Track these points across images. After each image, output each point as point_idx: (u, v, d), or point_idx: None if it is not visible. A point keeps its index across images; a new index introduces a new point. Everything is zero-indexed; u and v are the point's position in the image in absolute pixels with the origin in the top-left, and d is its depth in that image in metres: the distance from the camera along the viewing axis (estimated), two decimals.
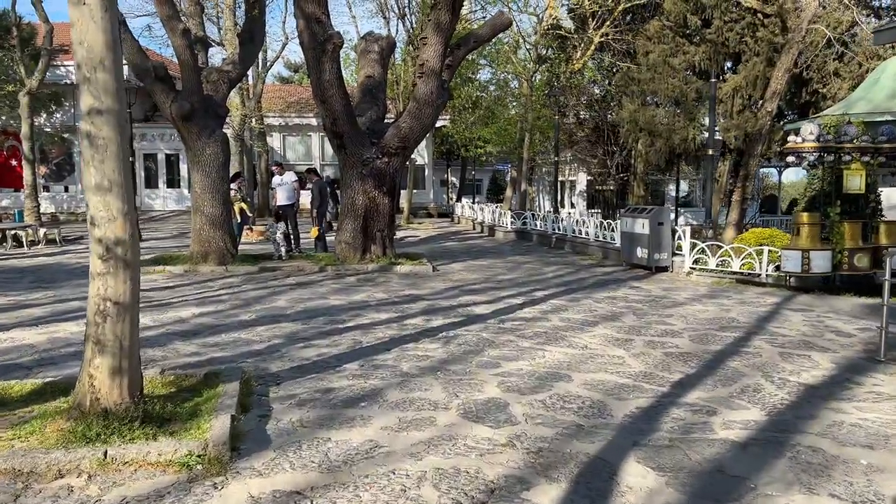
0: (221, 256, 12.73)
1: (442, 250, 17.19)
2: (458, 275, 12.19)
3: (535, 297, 9.87)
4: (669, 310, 8.87)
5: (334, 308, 8.90)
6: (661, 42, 22.74)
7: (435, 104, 12.20)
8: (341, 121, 11.83)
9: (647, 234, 12.49)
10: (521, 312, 8.65)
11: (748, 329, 7.70)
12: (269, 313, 8.58)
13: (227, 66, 13.71)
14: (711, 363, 6.28)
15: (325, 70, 11.47)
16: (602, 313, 8.61)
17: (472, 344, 6.91)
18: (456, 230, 25.60)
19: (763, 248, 11.95)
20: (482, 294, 10.05)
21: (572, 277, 11.97)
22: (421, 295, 9.94)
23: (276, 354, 6.52)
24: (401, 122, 12.47)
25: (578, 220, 17.33)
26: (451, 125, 32.77)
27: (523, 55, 27.32)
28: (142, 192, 31.97)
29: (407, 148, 12.56)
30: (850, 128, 10.92)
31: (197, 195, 12.96)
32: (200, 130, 12.71)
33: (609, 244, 15.16)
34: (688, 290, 10.59)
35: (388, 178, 12.58)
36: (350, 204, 12.55)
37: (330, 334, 7.36)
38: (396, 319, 8.14)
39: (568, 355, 6.51)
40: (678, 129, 22.06)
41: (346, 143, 12.14)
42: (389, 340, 7.08)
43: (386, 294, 10.02)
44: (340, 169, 12.75)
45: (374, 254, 12.66)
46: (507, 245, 19.12)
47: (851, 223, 11.04)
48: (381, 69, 14.07)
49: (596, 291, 10.41)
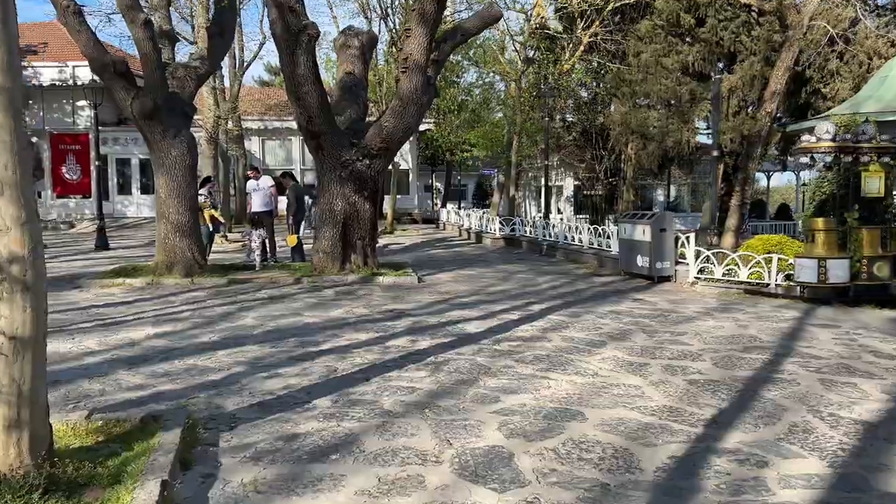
0: (188, 267, 11.70)
1: (427, 259, 16.24)
2: (445, 286, 11.25)
3: (531, 311, 8.95)
4: (681, 326, 7.99)
5: (308, 327, 7.92)
6: (652, 42, 21.98)
7: (420, 102, 11.27)
8: (318, 119, 10.87)
9: (649, 242, 11.63)
10: (518, 330, 7.72)
11: (774, 350, 6.83)
12: (233, 333, 7.59)
13: (195, 62, 12.71)
14: (744, 394, 5.38)
15: (300, 63, 10.51)
16: (608, 331, 7.71)
17: (464, 371, 5.97)
18: (442, 237, 24.66)
19: (772, 256, 11.13)
20: (473, 309, 9.12)
21: (569, 289, 11.07)
22: (406, 310, 8.98)
23: (235, 387, 5.54)
24: (383, 122, 11.53)
25: (571, 226, 16.46)
26: (435, 129, 31.88)
27: (510, 55, 26.50)
28: (114, 198, 30.76)
29: (390, 149, 11.61)
30: (869, 126, 10.13)
31: (162, 200, 11.94)
32: (165, 130, 11.70)
33: (605, 252, 14.29)
34: (696, 303, 9.73)
35: (370, 182, 11.62)
36: (328, 210, 11.58)
37: (301, 360, 6.38)
38: (378, 340, 7.18)
39: (577, 385, 5.58)
40: (671, 132, 21.30)
41: (324, 144, 11.18)
42: (369, 367, 6.12)
43: (367, 309, 9.05)
44: (317, 172, 11.79)
45: (354, 264, 11.69)
46: (495, 253, 18.20)
47: (870, 229, 10.24)
48: (362, 66, 13.13)
49: (597, 305, 9.51)
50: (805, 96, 19.21)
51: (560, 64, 25.43)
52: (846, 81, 18.33)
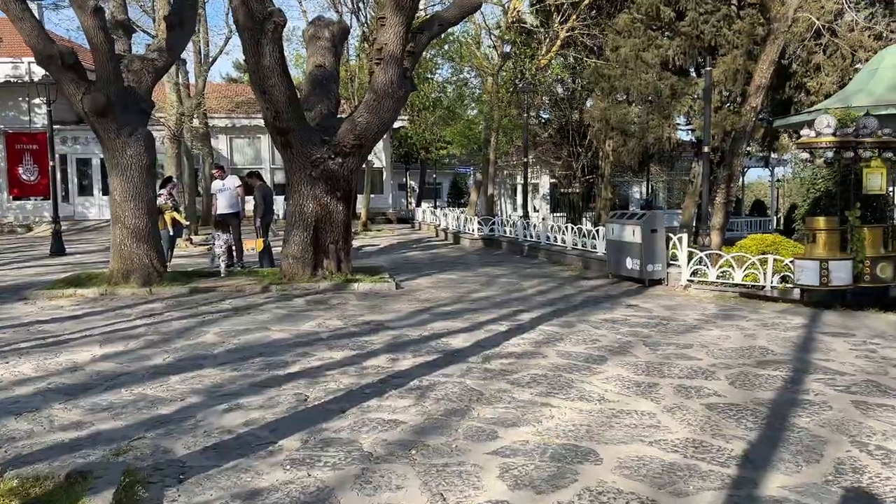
0: (146, 276, 10.82)
1: (404, 261, 15.49)
2: (425, 292, 10.51)
3: (520, 321, 8.26)
4: (684, 337, 7.36)
5: (276, 344, 7.14)
6: (631, 36, 21.44)
7: (395, 96, 10.51)
8: (285, 115, 10.06)
9: (639, 243, 11.01)
10: (509, 345, 7.02)
11: (791, 364, 6.21)
12: (191, 353, 6.78)
13: (153, 54, 11.80)
14: (773, 422, 4.74)
15: (265, 54, 9.69)
16: (606, 343, 7.04)
17: (454, 398, 5.25)
18: (418, 237, 23.91)
19: (768, 256, 10.59)
20: (457, 319, 8.40)
21: (557, 294, 10.41)
22: (384, 322, 8.24)
23: (189, 423, 4.75)
24: (356, 117, 10.75)
25: (554, 226, 15.82)
26: (410, 126, 31.10)
27: (487, 50, 25.82)
28: (75, 200, 29.50)
29: (363, 146, 10.83)
30: (871, 120, 9.61)
31: (117, 204, 11.04)
32: (119, 128, 10.80)
33: (590, 253, 13.67)
34: (694, 309, 9.12)
35: (343, 182, 10.84)
36: (298, 212, 10.77)
37: (266, 386, 5.61)
38: (354, 359, 6.43)
39: (583, 413, 4.89)
40: (652, 128, 20.79)
41: (293, 142, 10.37)
42: (345, 395, 5.37)
43: (341, 321, 8.28)
44: (286, 171, 10.98)
45: (327, 269, 10.91)
46: (475, 254, 17.50)
47: (872, 228, 9.74)
48: (333, 58, 12.33)
49: (589, 312, 8.85)
50: (789, 91, 18.79)
51: (537, 59, 24.81)
52: (830, 76, 17.94)
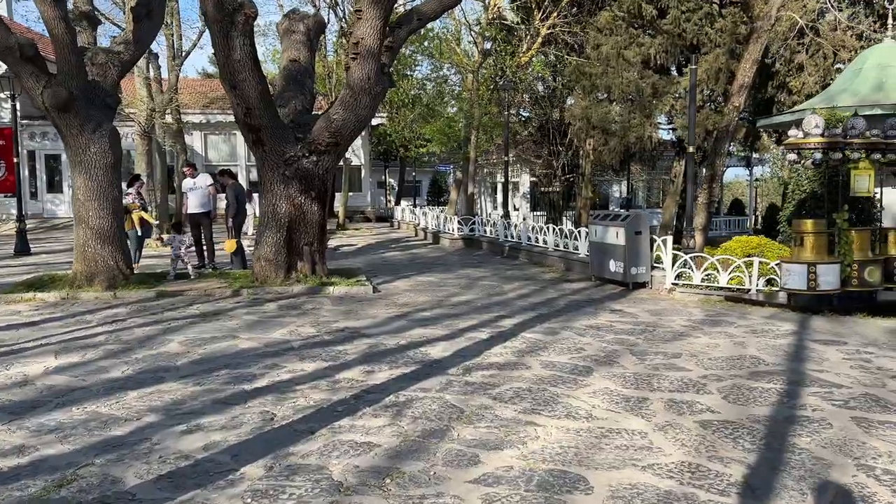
0: (111, 279, 10.35)
1: (382, 262, 15.11)
2: (403, 296, 10.15)
3: (501, 328, 7.93)
4: (672, 345, 7.07)
5: (244, 354, 6.74)
6: (613, 34, 21.21)
7: (373, 92, 10.13)
8: (257, 111, 9.63)
9: (623, 245, 10.73)
10: (491, 354, 6.69)
11: (784, 375, 5.95)
12: (152, 364, 6.36)
13: (118, 47, 11.29)
14: (771, 442, 4.45)
15: (235, 48, 9.25)
16: (591, 353, 6.73)
17: (432, 416, 4.90)
18: (397, 237, 23.53)
19: (753, 259, 10.38)
20: (436, 325, 8.05)
21: (539, 298, 10.10)
22: (359, 329, 7.86)
23: (143, 447, 4.36)
24: (332, 114, 10.35)
25: (535, 226, 15.53)
26: (388, 123, 30.67)
27: (467, 46, 25.47)
28: (44, 197, 28.77)
29: (340, 144, 10.43)
30: (859, 121, 9.40)
31: (80, 203, 10.55)
32: (83, 123, 10.31)
33: (572, 254, 13.39)
34: (680, 315, 8.85)
35: (318, 181, 10.44)
36: (271, 212, 10.36)
37: (230, 403, 5.22)
38: (326, 372, 6.05)
39: (570, 433, 4.57)
40: (634, 127, 20.58)
41: (265, 139, 9.95)
42: (315, 413, 5.00)
43: (314, 328, 7.90)
44: (258, 170, 10.55)
45: (300, 272, 10.50)
46: (455, 255, 17.17)
47: (860, 231, 9.55)
48: (308, 53, 11.91)
49: (573, 318, 8.55)
50: (771, 91, 18.66)
51: (517, 56, 24.51)
52: (813, 75, 17.84)
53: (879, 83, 13.06)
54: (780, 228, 12.71)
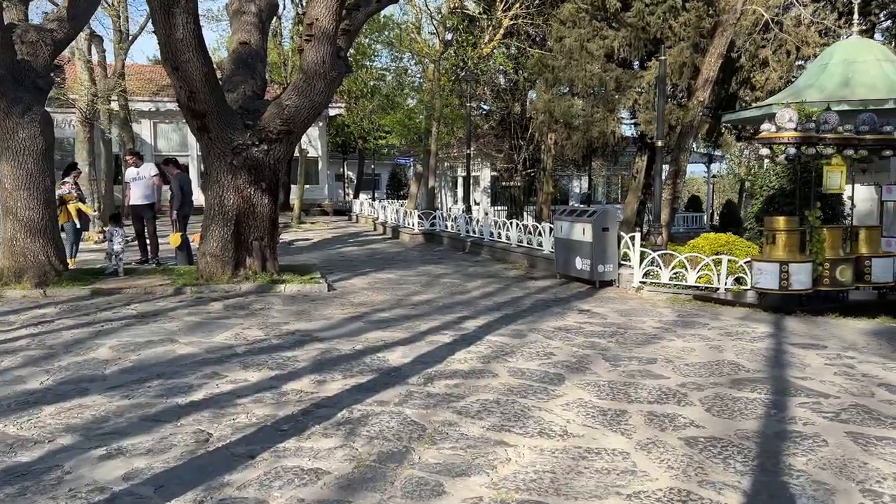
0: (42, 275, 9.55)
1: (339, 258, 14.48)
2: (360, 295, 9.57)
3: (465, 330, 7.42)
4: (646, 349, 6.66)
5: (181, 361, 6.10)
6: (576, 26, 20.90)
7: (328, 77, 9.49)
8: (202, 95, 8.92)
9: (590, 242, 10.33)
10: (454, 360, 6.17)
11: (767, 383, 5.57)
12: (76, 374, 5.68)
13: (51, 24, 10.43)
14: (765, 462, 4.03)
15: (178, 26, 8.52)
16: (562, 358, 6.27)
17: (390, 435, 4.36)
18: (355, 231, 22.86)
19: (722, 257, 10.09)
20: (395, 327, 7.50)
21: (504, 297, 9.63)
22: (312, 332, 7.27)
23: (51, 478, 3.73)
24: (284, 100, 9.70)
25: (498, 221, 15.06)
26: (346, 114, 29.90)
27: (427, 36, 24.88)
28: None
29: (292, 132, 9.78)
30: (832, 115, 9.14)
31: (8, 193, 9.71)
32: (10, 106, 9.48)
33: (536, 251, 12.96)
34: (650, 315, 8.47)
35: (269, 171, 9.77)
36: (217, 204, 9.66)
37: (160, 420, 4.60)
38: (273, 382, 5.46)
39: (545, 454, 4.08)
40: (597, 121, 20.31)
41: (210, 126, 9.24)
42: (257, 432, 4.42)
43: (262, 331, 7.27)
44: (204, 159, 9.84)
45: (249, 269, 9.83)
46: (415, 250, 16.61)
47: (832, 230, 9.30)
48: (260, 35, 11.19)
49: (540, 319, 8.09)
50: (735, 86, 18.54)
51: (479, 47, 24.01)
52: (776, 71, 17.75)
53: (846, 79, 12.94)
54: (746, 226, 12.49)
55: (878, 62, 12.98)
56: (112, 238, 10.37)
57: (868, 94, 12.33)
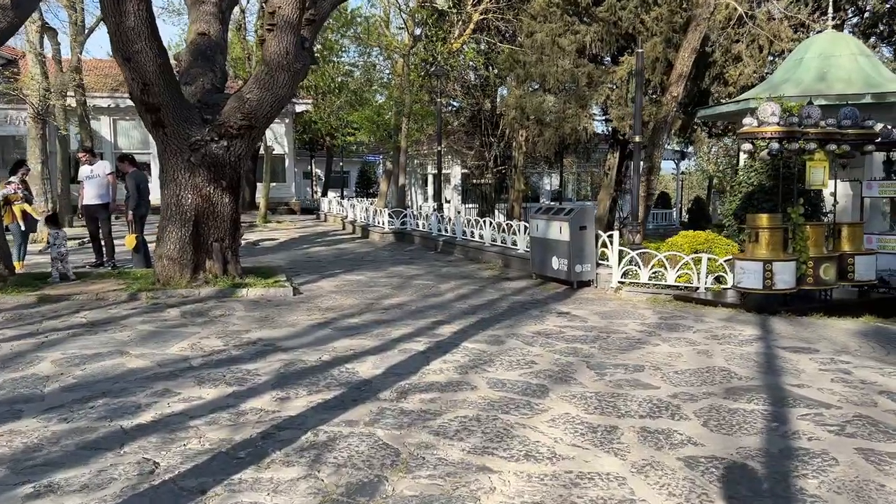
0: None
1: (306, 259, 13.94)
2: (329, 299, 9.08)
3: (440, 336, 6.99)
4: (631, 355, 6.30)
5: (131, 376, 5.57)
6: (547, 21, 20.58)
7: (291, 69, 8.97)
8: (156, 87, 8.34)
9: (567, 241, 9.96)
10: (429, 371, 5.74)
11: (763, 392, 5.23)
12: (11, 393, 5.12)
13: None
14: (774, 486, 3.67)
15: (129, 13, 7.94)
16: (544, 367, 5.88)
17: (360, 462, 3.91)
18: (323, 230, 22.28)
19: (701, 256, 9.80)
20: (366, 335, 7.04)
21: (479, 300, 9.21)
22: (275, 341, 6.77)
23: None
24: (245, 93, 9.15)
25: (471, 220, 14.65)
26: (314, 110, 29.24)
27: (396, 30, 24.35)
28: None
29: (254, 127, 9.24)
30: (814, 109, 8.91)
31: None
32: None
33: (511, 250, 12.58)
34: (631, 317, 8.12)
35: (229, 169, 9.22)
36: (175, 204, 9.09)
37: (100, 449, 4.09)
38: (230, 400, 4.97)
39: (533, 481, 3.67)
40: (569, 118, 20.02)
41: (165, 120, 8.66)
42: (211, 460, 3.93)
43: (220, 340, 6.76)
44: (159, 155, 9.25)
45: (210, 272, 9.28)
46: (385, 250, 16.13)
47: (815, 227, 9.06)
48: (220, 25, 10.61)
49: (518, 323, 7.69)
50: (708, 81, 18.37)
51: (449, 42, 23.57)
52: (749, 66, 17.61)
53: (822, 73, 12.78)
54: (724, 223, 12.25)
55: (854, 56, 12.84)
56: (54, 242, 9.70)
57: (845, 88, 12.17)
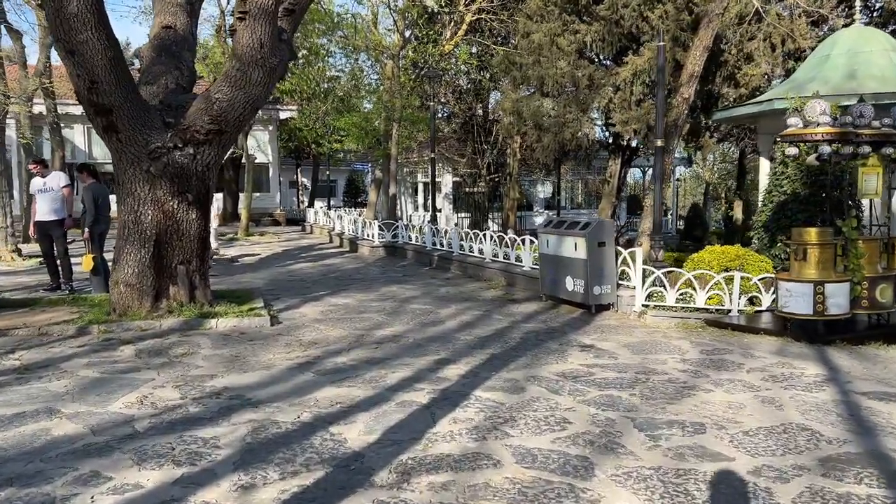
0: None
1: (288, 278, 12.68)
2: (311, 330, 7.84)
3: (445, 381, 5.77)
4: (681, 406, 5.11)
5: (53, 449, 4.31)
6: (544, 20, 19.47)
7: (267, 64, 7.76)
8: (106, 85, 7.10)
9: (584, 260, 8.78)
10: (437, 435, 4.52)
11: (868, 466, 4.06)
12: None
13: None
14: None
15: None
16: (580, 428, 4.67)
17: None
18: (308, 243, 21.01)
19: (734, 274, 8.67)
20: (355, 379, 5.81)
21: (486, 328, 7.99)
22: (244, 391, 5.53)
23: None
24: (213, 92, 7.92)
25: (469, 233, 13.45)
26: (298, 117, 27.99)
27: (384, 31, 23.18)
28: None
29: (224, 132, 7.99)
30: (867, 108, 7.76)
31: None
32: None
33: (515, 267, 11.39)
34: (667, 350, 6.94)
35: (196, 180, 7.98)
36: (132, 221, 7.83)
37: None
38: (175, 491, 3.72)
39: None
40: (569, 122, 18.89)
41: (119, 123, 7.42)
42: None
43: (178, 391, 5.50)
44: (114, 165, 7.98)
45: (174, 299, 8.02)
46: (376, 266, 14.89)
47: (869, 242, 7.92)
48: (188, 19, 9.38)
49: (536, 360, 6.49)
50: (719, 82, 17.30)
51: (440, 44, 22.43)
52: (759, 66, 16.57)
53: (851, 71, 11.71)
54: (751, 235, 11.14)
55: (886, 52, 11.79)
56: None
57: (879, 86, 11.09)
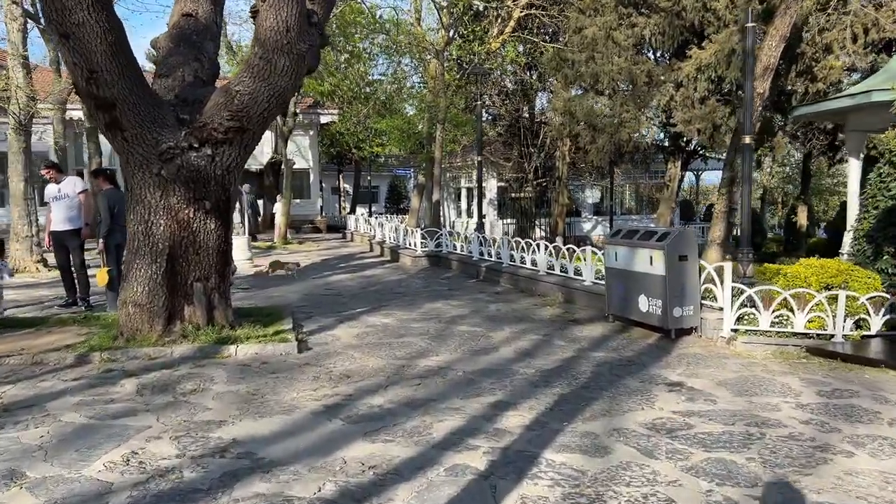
0: None
1: (324, 292, 11.65)
2: (344, 359, 6.74)
3: (507, 434, 4.59)
4: (820, 479, 3.85)
5: None
6: (599, 14, 18.18)
7: (294, 50, 6.73)
8: (108, 74, 6.15)
9: (662, 276, 7.51)
10: None
11: None
12: None
13: None
14: None
15: None
16: None
17: None
18: (349, 252, 20.05)
19: (837, 293, 7.31)
20: (393, 431, 4.68)
21: (548, 358, 6.78)
22: (257, 446, 4.44)
23: None
24: (234, 85, 6.92)
25: (521, 242, 12.24)
26: (340, 121, 27.14)
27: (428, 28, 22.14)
28: None
29: (246, 129, 6.97)
30: None
31: None
32: None
33: (573, 281, 10.16)
34: (774, 391, 5.64)
35: (215, 185, 6.97)
36: (142, 232, 6.86)
37: None
38: None
39: None
40: (626, 122, 17.56)
41: (123, 120, 6.46)
42: None
43: (175, 446, 4.44)
44: (122, 168, 7.04)
45: (189, 322, 7.01)
46: (418, 277, 13.78)
47: None
48: (212, 6, 8.41)
49: (616, 405, 5.26)
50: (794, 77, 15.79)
51: (487, 42, 21.30)
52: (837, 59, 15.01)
53: None
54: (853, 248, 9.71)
55: None
56: None
57: None
